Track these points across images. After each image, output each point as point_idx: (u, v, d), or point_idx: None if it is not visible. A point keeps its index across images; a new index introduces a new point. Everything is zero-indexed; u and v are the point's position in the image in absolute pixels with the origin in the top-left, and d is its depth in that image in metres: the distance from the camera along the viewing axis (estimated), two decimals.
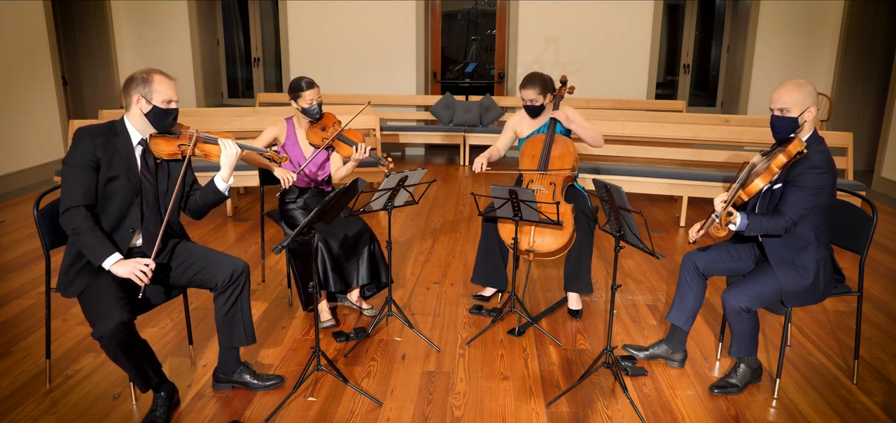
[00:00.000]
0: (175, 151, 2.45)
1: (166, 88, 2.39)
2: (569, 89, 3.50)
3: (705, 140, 5.64)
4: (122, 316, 2.16)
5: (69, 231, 2.31)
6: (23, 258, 4.24)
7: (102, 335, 2.13)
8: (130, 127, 2.42)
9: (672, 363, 2.92)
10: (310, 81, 3.19)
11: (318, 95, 3.20)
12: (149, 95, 2.37)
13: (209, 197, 2.55)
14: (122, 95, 2.41)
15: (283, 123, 3.28)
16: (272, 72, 9.52)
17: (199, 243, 2.66)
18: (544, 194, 3.23)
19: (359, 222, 3.27)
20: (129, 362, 2.25)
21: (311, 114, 3.20)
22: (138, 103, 2.37)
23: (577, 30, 7.92)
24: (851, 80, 7.57)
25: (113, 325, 2.14)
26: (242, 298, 2.55)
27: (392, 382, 2.78)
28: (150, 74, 2.38)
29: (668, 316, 2.85)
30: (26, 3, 6.37)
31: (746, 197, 2.46)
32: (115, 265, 2.28)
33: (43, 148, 6.65)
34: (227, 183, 2.53)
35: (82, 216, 2.28)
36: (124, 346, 2.20)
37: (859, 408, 2.63)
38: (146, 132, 2.43)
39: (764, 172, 2.41)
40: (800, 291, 2.52)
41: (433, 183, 5.12)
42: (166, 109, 2.40)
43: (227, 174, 2.51)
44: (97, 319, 2.18)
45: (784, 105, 2.46)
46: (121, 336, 2.16)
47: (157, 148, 2.43)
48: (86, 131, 2.33)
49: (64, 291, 2.37)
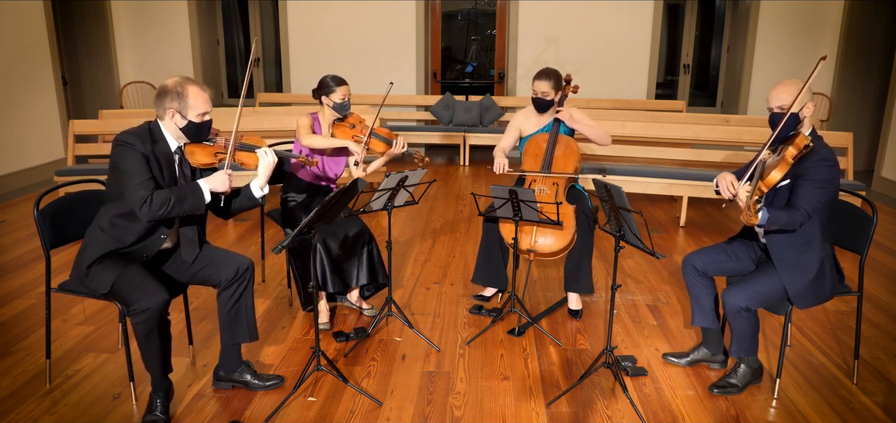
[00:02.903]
0: (212, 161, 2.46)
1: (201, 101, 2.37)
2: (573, 89, 3.49)
3: (705, 140, 5.64)
4: (164, 294, 2.27)
5: (161, 212, 2.27)
6: (23, 258, 4.24)
7: (148, 307, 2.22)
8: (168, 135, 2.41)
9: (714, 365, 2.90)
10: (339, 79, 3.21)
11: (348, 90, 3.23)
12: (184, 110, 2.35)
13: (245, 203, 2.56)
14: (155, 105, 2.38)
15: (309, 117, 3.28)
16: (272, 72, 9.52)
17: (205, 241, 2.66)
18: (547, 194, 3.22)
19: (357, 223, 3.27)
20: (159, 342, 2.32)
21: (342, 109, 3.22)
22: (173, 118, 2.36)
23: (577, 30, 7.92)
24: (851, 80, 7.57)
25: (160, 300, 2.25)
26: (246, 295, 2.56)
27: (392, 382, 2.78)
28: (184, 86, 2.35)
29: (693, 322, 2.83)
30: (26, 3, 6.37)
31: (765, 189, 2.46)
32: (211, 183, 2.37)
33: (43, 148, 6.65)
34: (262, 191, 2.53)
35: (162, 191, 2.29)
36: (161, 325, 2.29)
37: (859, 408, 2.63)
38: (181, 140, 2.43)
39: (779, 163, 2.41)
40: (806, 291, 2.52)
41: (433, 183, 5.12)
42: (202, 123, 2.40)
43: (263, 182, 2.51)
44: (141, 295, 2.25)
45: (782, 103, 2.47)
46: (162, 313, 2.27)
47: (193, 157, 2.44)
48: (131, 135, 2.31)
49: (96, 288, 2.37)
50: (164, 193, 2.29)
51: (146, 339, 2.29)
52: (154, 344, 2.31)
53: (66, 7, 7.73)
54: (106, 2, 7.74)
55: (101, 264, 2.37)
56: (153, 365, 2.36)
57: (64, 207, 2.59)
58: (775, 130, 2.47)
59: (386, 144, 3.27)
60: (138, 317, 2.24)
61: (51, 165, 6.62)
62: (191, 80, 2.40)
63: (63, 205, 2.59)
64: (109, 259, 2.38)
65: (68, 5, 7.72)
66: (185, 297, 2.82)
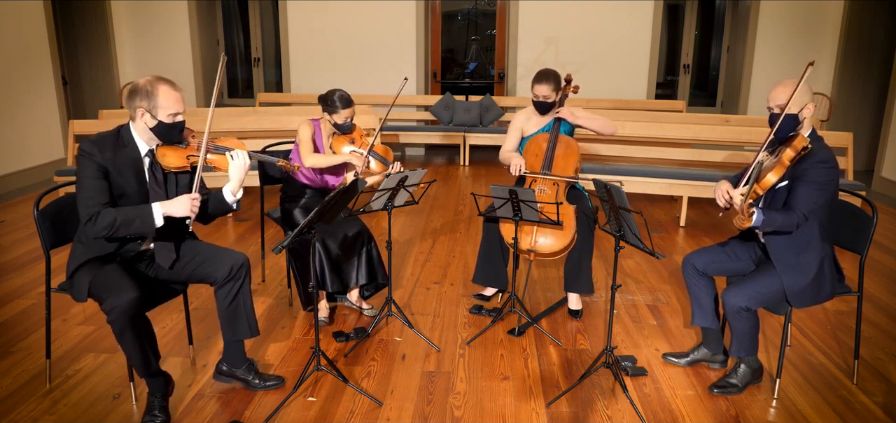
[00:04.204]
0: (184, 164, 2.40)
1: (172, 101, 2.30)
2: (573, 89, 3.49)
3: (705, 140, 5.64)
4: (135, 291, 2.19)
5: (104, 233, 2.24)
6: (23, 258, 4.24)
7: (114, 308, 2.15)
8: (137, 137, 2.37)
9: (714, 365, 2.90)
10: (346, 98, 3.18)
11: (353, 112, 3.22)
12: (154, 110, 2.30)
13: (216, 207, 2.52)
14: (126, 104, 2.35)
15: (310, 126, 3.26)
16: (272, 72, 9.52)
17: (200, 240, 2.65)
18: (547, 194, 3.23)
19: (357, 223, 3.27)
20: (134, 341, 2.23)
21: (343, 130, 3.24)
22: (143, 118, 2.31)
23: (577, 30, 7.92)
24: (851, 80, 7.57)
25: (126, 299, 2.16)
26: (243, 291, 2.55)
27: (392, 382, 2.78)
28: (154, 85, 2.29)
29: (693, 322, 2.83)
30: (26, 3, 6.37)
31: (761, 191, 2.46)
32: (168, 208, 2.29)
33: (43, 148, 6.65)
34: (235, 196, 2.46)
35: (110, 211, 2.24)
36: (133, 323, 2.21)
37: (859, 408, 2.63)
38: (153, 143, 2.39)
39: (776, 166, 2.41)
40: (805, 291, 2.52)
41: (433, 183, 5.12)
42: (173, 124, 2.34)
43: (235, 187, 2.45)
44: (109, 294, 2.18)
45: (782, 103, 2.47)
46: (132, 312, 2.18)
47: (165, 160, 2.38)
48: (91, 144, 2.29)
49: (77, 297, 2.37)
50: (111, 213, 2.23)
51: (121, 337, 2.22)
52: (129, 343, 2.23)
53: (66, 7, 7.73)
54: (106, 2, 7.75)
55: (81, 271, 2.36)
56: (135, 363, 2.31)
57: (64, 207, 2.58)
58: (772, 131, 2.47)
59: (383, 164, 3.28)
60: (110, 316, 2.17)
61: (51, 165, 6.62)
62: (163, 78, 2.33)
63: (63, 205, 2.59)
64: (89, 264, 2.36)
65: (68, 5, 7.72)
66: (185, 297, 2.82)
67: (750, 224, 2.37)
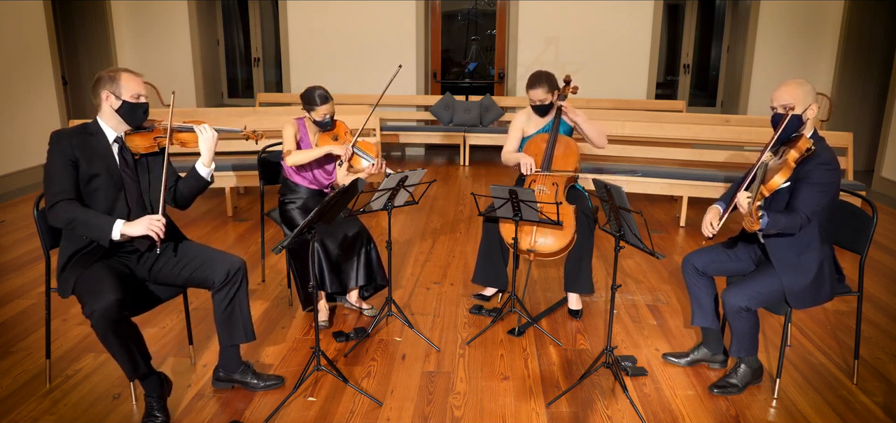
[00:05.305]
0: (151, 145, 2.47)
1: (134, 84, 2.43)
2: (573, 89, 3.49)
3: (705, 140, 5.64)
4: (115, 294, 2.16)
5: (64, 224, 2.29)
6: (23, 258, 4.24)
7: (94, 311, 2.13)
8: (104, 125, 2.45)
9: (714, 365, 2.90)
10: (324, 96, 3.17)
11: (332, 108, 3.20)
12: (118, 91, 2.40)
13: (193, 184, 2.57)
14: (92, 95, 2.44)
15: (294, 125, 3.26)
16: (272, 72, 9.52)
17: (197, 243, 2.65)
18: (547, 194, 3.22)
19: (356, 223, 3.27)
20: (118, 344, 2.22)
21: (323, 126, 3.22)
22: (108, 100, 2.41)
23: (577, 30, 7.92)
24: (851, 80, 7.57)
25: (106, 302, 2.13)
26: (240, 295, 2.54)
27: (392, 382, 2.78)
28: (116, 72, 2.42)
29: (693, 322, 2.83)
30: (26, 3, 6.37)
31: (767, 193, 2.45)
32: (126, 227, 2.30)
33: (43, 148, 6.51)
34: (208, 168, 2.54)
35: (74, 205, 2.29)
36: (116, 326, 2.18)
37: (859, 408, 2.63)
38: (120, 129, 2.46)
39: (782, 168, 2.40)
40: (805, 292, 2.52)
41: (433, 183, 5.12)
42: (136, 103, 2.43)
43: (207, 159, 2.53)
44: (89, 297, 2.18)
45: (786, 103, 2.46)
46: (113, 315, 2.15)
47: (133, 144, 2.46)
48: (60, 133, 2.36)
49: (62, 293, 2.38)
50: (72, 210, 2.27)
51: (104, 340, 2.21)
52: (113, 346, 2.22)
53: (66, 7, 7.73)
54: (106, 2, 7.75)
55: (70, 267, 2.36)
56: (122, 366, 2.30)
57: None
58: (777, 131, 2.46)
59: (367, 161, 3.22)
60: (90, 320, 2.16)
61: None
62: (126, 68, 2.46)
63: None
64: (75, 263, 2.36)
65: (68, 5, 7.72)
66: (185, 297, 2.82)
67: (759, 227, 2.34)
